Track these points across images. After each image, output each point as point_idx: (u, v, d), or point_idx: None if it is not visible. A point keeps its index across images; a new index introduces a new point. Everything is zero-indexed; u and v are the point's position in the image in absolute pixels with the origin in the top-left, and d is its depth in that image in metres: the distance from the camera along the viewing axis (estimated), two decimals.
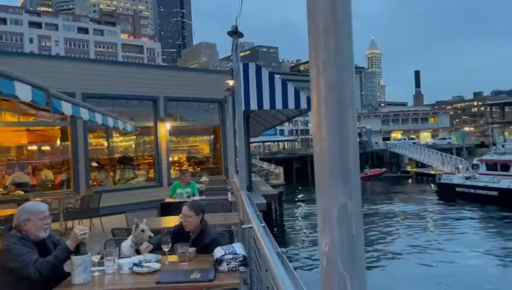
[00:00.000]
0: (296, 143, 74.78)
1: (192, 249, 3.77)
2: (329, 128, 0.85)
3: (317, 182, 0.88)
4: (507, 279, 12.88)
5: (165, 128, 14.01)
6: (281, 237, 17.71)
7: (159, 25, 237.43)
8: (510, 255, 15.25)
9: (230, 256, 3.38)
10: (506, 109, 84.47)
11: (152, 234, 4.08)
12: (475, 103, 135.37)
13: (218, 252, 3.46)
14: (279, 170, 23.12)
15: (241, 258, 3.38)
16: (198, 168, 16.39)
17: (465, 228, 20.50)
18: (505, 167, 26.14)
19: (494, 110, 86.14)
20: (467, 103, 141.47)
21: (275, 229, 17.81)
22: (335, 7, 0.85)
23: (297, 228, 21.48)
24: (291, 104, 12.10)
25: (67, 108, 5.24)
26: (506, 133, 54.45)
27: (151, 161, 14.44)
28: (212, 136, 16.92)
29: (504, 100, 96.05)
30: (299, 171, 47.74)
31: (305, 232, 20.06)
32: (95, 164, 13.50)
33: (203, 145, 18.28)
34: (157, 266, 3.49)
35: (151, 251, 3.89)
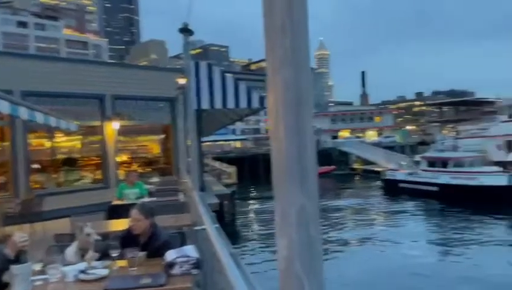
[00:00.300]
0: (249, 142, 75.12)
1: (142, 254, 3.64)
2: (287, 128, 0.83)
3: (275, 183, 0.86)
4: (444, 264, 13.82)
5: (112, 127, 13.52)
6: (234, 236, 17.69)
7: (106, 21, 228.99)
8: (448, 244, 16.52)
9: (183, 259, 3.31)
10: (445, 109, 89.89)
11: (99, 237, 3.91)
12: (416, 103, 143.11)
13: (170, 255, 3.37)
14: (232, 169, 23.06)
15: (194, 261, 3.31)
16: (149, 169, 15.99)
17: (408, 220, 21.70)
18: (444, 163, 27.74)
19: (433, 109, 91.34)
20: (409, 103, 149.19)
21: (228, 229, 17.78)
22: (291, 5, 0.83)
23: (250, 226, 21.59)
24: (243, 103, 12.08)
25: (4, 106, 4.89)
26: (445, 132, 57.84)
27: (98, 161, 13.89)
28: (163, 136, 16.57)
29: (442, 100, 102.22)
30: (251, 170, 48.01)
31: (258, 231, 20.20)
32: (36, 166, 12.76)
33: (153, 145, 17.85)
34: (105, 272, 3.33)
35: (99, 259, 3.71)
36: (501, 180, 23.76)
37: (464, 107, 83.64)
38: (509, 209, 21.82)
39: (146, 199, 7.91)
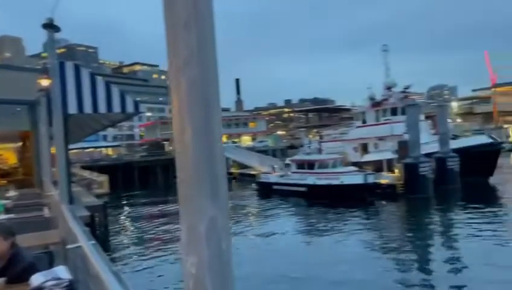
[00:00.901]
0: (122, 149, 71.28)
1: (1, 280, 3.13)
2: (194, 133, 0.75)
3: (182, 195, 0.77)
4: (308, 251, 15.53)
5: None
6: (107, 250, 16.53)
7: None
8: (314, 235, 18.66)
9: (53, 282, 2.92)
10: (310, 115, 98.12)
11: None
12: (286, 110, 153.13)
13: (37, 279, 2.95)
14: (103, 178, 21.55)
15: (66, 283, 2.95)
16: (4, 181, 13.99)
17: (278, 218, 23.27)
18: (310, 165, 30.15)
19: (300, 116, 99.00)
20: (279, 110, 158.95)
21: (100, 243, 16.54)
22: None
23: (125, 238, 20.44)
24: (116, 108, 11.34)
25: None
26: (310, 136, 62.93)
27: None
28: (20, 143, 14.67)
29: (308, 108, 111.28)
30: (125, 178, 45.68)
31: (134, 243, 19.23)
32: None
33: (8, 154, 15.69)
34: None
35: None
36: (358, 179, 26.80)
37: (326, 113, 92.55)
38: (363, 203, 24.87)
39: (2, 217, 6.87)
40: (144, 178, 49.06)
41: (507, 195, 26.44)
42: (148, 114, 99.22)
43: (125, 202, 32.91)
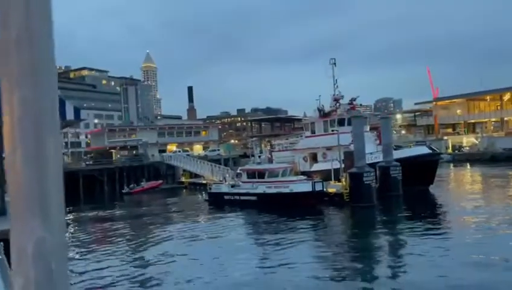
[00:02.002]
0: (66, 157, 68.16)
1: None
2: (24, 156, 0.74)
3: (13, 214, 0.76)
4: (256, 259, 15.35)
5: None
6: None
7: None
8: (265, 245, 18.44)
9: None
10: (262, 125, 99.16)
11: None
12: (239, 119, 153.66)
13: None
14: None
15: None
16: None
17: (228, 228, 23.11)
18: (261, 174, 30.39)
19: (253, 125, 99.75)
20: (232, 119, 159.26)
21: None
22: (30, 16, 0.76)
23: None
24: None
25: None
26: (263, 145, 63.45)
27: None
28: None
29: (261, 117, 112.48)
30: (69, 189, 43.56)
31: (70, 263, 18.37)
32: None
33: None
34: None
35: None
36: (307, 187, 27.37)
37: (278, 123, 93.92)
38: (312, 211, 25.41)
39: None
40: (90, 188, 47.21)
41: (445, 203, 28.10)
42: (96, 121, 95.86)
43: (67, 217, 31.40)
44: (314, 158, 39.69)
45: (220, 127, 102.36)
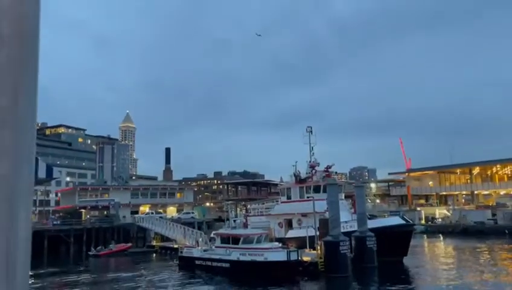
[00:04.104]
0: (32, 216, 65.34)
1: None
2: None
3: None
4: None
5: None
6: None
7: None
8: None
9: None
10: (239, 188, 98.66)
11: None
12: (215, 181, 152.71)
13: None
14: None
15: None
16: None
17: None
18: (235, 240, 29.69)
19: (230, 188, 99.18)
20: (209, 181, 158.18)
21: None
22: None
23: None
24: None
25: None
26: (238, 209, 62.67)
27: None
28: None
29: (237, 180, 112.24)
30: (32, 249, 41.26)
31: None
32: None
33: None
34: None
35: None
36: (281, 255, 26.78)
37: (255, 187, 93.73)
38: (287, 280, 24.64)
39: None
40: (55, 249, 44.91)
41: (420, 276, 27.79)
42: (68, 179, 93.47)
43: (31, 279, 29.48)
44: (289, 224, 39.31)
45: (195, 189, 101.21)
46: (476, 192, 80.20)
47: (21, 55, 0.83)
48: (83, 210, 62.62)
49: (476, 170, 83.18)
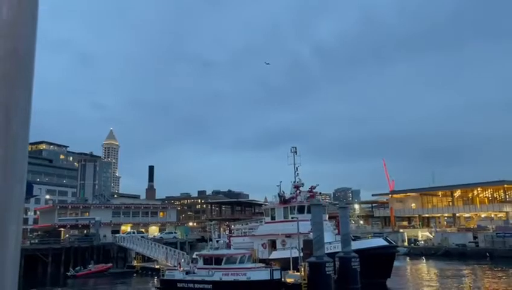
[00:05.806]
0: None
1: None
2: None
3: None
4: None
5: None
6: None
7: None
8: None
9: None
10: (223, 208, 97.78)
11: None
12: (199, 201, 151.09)
13: None
14: None
15: None
16: None
17: None
18: (218, 260, 29.23)
19: (213, 207, 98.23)
20: (192, 200, 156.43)
21: None
22: None
23: None
24: None
25: None
26: (222, 229, 61.89)
27: None
28: None
29: (221, 200, 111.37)
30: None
31: None
32: None
33: None
34: None
35: None
36: (264, 275, 26.49)
37: (239, 207, 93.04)
38: None
39: None
40: (31, 269, 43.47)
41: None
42: (47, 197, 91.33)
43: None
44: (273, 245, 39.00)
45: (178, 208, 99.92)
46: (457, 214, 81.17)
47: (16, 74, 0.83)
48: (62, 229, 61.07)
49: (458, 193, 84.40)
